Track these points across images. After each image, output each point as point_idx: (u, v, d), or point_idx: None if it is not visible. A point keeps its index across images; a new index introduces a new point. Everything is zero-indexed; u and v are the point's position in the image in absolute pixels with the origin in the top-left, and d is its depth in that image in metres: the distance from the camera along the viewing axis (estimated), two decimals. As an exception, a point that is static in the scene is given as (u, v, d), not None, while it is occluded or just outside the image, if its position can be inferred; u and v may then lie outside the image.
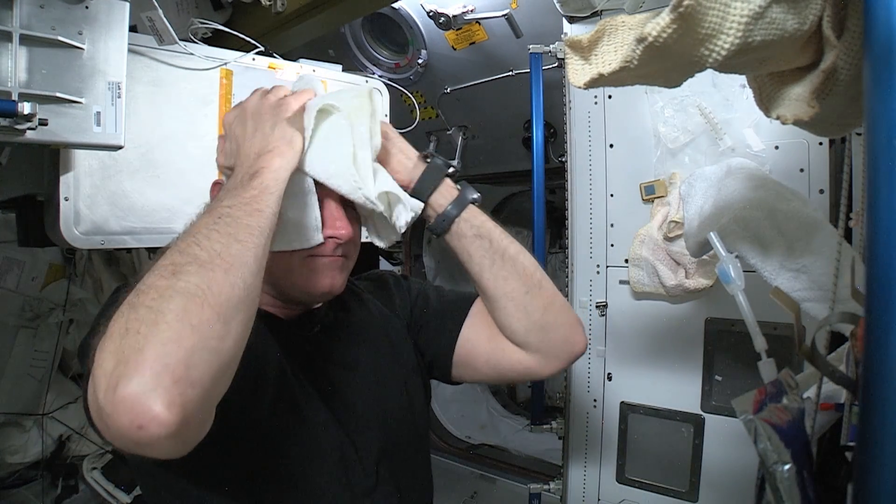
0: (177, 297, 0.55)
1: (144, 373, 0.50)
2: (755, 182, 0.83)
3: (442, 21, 1.82)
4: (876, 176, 0.41)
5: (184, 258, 0.59)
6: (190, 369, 0.52)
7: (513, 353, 0.93)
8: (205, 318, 0.55)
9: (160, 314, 0.53)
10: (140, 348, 0.51)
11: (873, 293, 0.41)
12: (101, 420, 0.52)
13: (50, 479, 2.49)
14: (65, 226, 1.13)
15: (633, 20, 0.63)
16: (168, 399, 0.50)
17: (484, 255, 0.90)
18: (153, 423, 0.50)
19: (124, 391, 0.50)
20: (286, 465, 0.80)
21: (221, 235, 0.62)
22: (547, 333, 0.91)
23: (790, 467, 0.54)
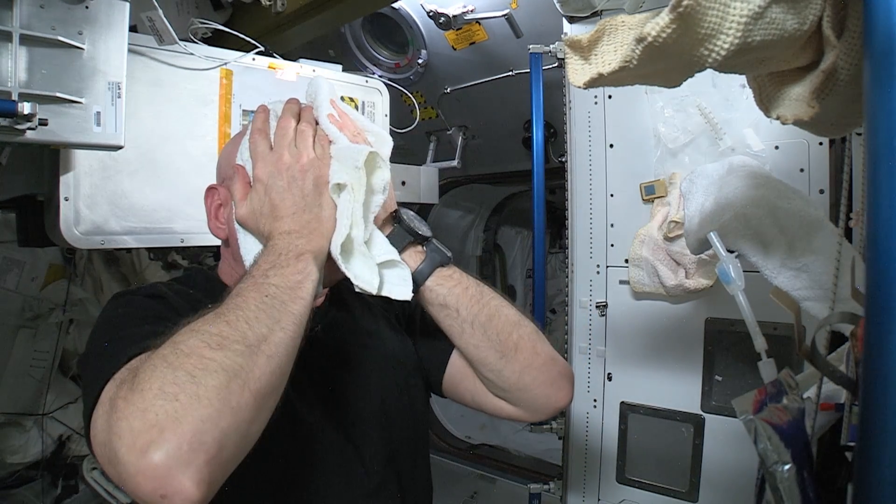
0: (221, 373, 0.55)
1: (180, 446, 0.50)
2: (757, 180, 0.83)
3: (442, 21, 1.82)
4: (876, 176, 0.41)
5: (232, 333, 0.59)
6: (222, 449, 0.53)
7: (497, 400, 0.91)
8: (243, 402, 0.55)
9: (202, 387, 0.53)
10: (178, 418, 0.51)
11: (873, 293, 0.41)
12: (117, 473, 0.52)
13: (50, 479, 2.49)
14: (65, 226, 1.13)
15: (633, 20, 0.63)
16: (199, 477, 0.51)
17: (452, 325, 0.86)
18: (178, 497, 0.50)
19: (154, 458, 0.49)
20: (287, 466, 0.80)
21: (268, 318, 0.62)
22: (524, 393, 0.88)
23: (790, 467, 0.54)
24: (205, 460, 0.51)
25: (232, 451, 0.55)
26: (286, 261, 0.69)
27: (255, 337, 0.60)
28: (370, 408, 0.90)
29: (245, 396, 0.55)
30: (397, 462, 0.91)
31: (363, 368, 0.92)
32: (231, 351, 0.57)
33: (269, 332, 0.61)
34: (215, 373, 0.54)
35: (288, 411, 0.82)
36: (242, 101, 1.38)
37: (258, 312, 0.62)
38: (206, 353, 0.56)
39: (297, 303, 0.66)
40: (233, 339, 0.58)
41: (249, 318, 0.61)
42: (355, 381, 0.91)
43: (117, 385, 0.58)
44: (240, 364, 0.56)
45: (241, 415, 0.55)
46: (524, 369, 0.86)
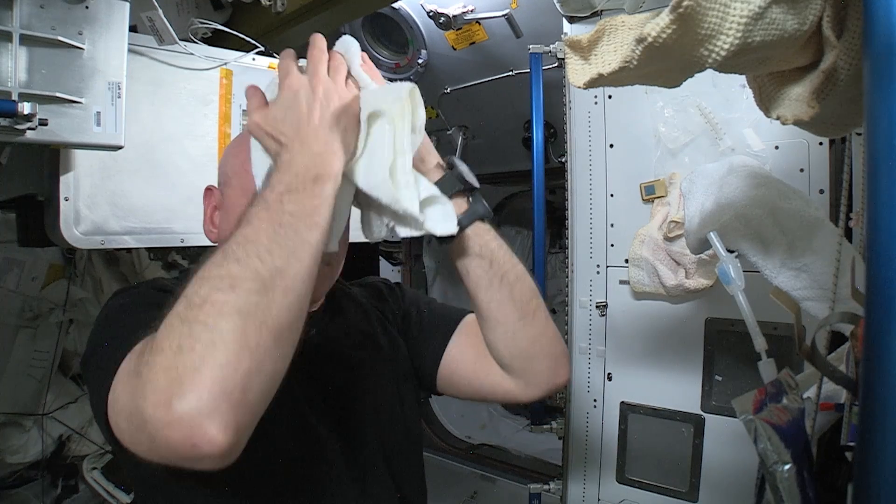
0: (235, 315, 0.53)
1: (202, 394, 0.50)
2: (757, 180, 0.83)
3: (442, 21, 1.82)
4: (876, 176, 0.41)
5: (244, 272, 0.56)
6: (246, 392, 0.52)
7: (495, 375, 0.92)
8: (262, 341, 0.54)
9: (217, 333, 0.52)
10: (196, 368, 0.51)
11: (873, 293, 0.41)
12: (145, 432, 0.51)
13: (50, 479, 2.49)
14: (65, 226, 1.13)
15: (633, 20, 0.63)
16: (224, 422, 0.50)
17: (482, 276, 0.86)
18: (207, 444, 0.50)
19: (180, 410, 0.49)
20: (287, 467, 0.80)
21: (282, 250, 0.59)
22: (532, 362, 0.89)
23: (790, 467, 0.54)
24: (229, 406, 0.51)
25: (257, 393, 0.54)
26: (303, 183, 0.65)
27: (269, 272, 0.57)
28: (367, 411, 0.90)
29: (263, 335, 0.54)
30: (394, 465, 0.91)
31: (357, 372, 0.92)
32: (244, 290, 0.55)
33: (285, 265, 0.58)
34: (229, 316, 0.53)
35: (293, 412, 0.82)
36: (242, 101, 1.38)
37: (271, 245, 0.59)
38: (219, 297, 0.54)
39: (313, 231, 0.63)
40: (245, 277, 0.56)
41: (261, 253, 0.58)
42: (352, 384, 0.91)
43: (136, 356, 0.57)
44: (254, 303, 0.54)
45: (262, 354, 0.53)
46: (537, 337, 0.88)
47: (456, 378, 0.97)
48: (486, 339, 0.91)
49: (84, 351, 0.76)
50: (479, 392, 0.95)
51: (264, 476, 0.78)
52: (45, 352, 2.43)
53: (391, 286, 1.09)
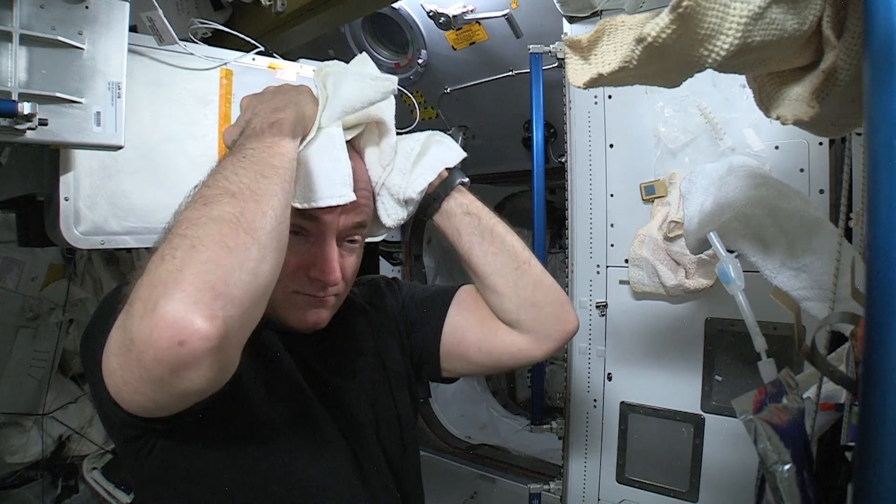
0: (211, 223, 0.56)
1: (186, 289, 0.51)
2: (756, 180, 0.83)
3: (442, 21, 1.82)
4: (876, 176, 0.41)
5: (214, 191, 0.60)
6: (229, 286, 0.53)
7: (505, 334, 0.93)
8: (241, 242, 0.56)
9: (196, 239, 0.54)
10: (178, 269, 0.52)
11: (873, 293, 0.41)
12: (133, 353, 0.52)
13: (50, 479, 2.49)
14: (65, 226, 1.13)
15: (633, 20, 0.63)
16: (209, 313, 0.51)
17: (473, 232, 0.92)
18: (194, 337, 0.50)
19: (164, 309, 0.50)
20: (291, 465, 0.80)
21: (248, 171, 0.63)
22: (538, 311, 0.92)
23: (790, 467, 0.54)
24: (212, 296, 0.52)
25: (242, 289, 0.55)
26: (260, 131, 0.71)
27: (238, 188, 0.61)
28: (367, 414, 0.90)
29: (241, 236, 0.56)
30: (394, 468, 0.91)
31: (358, 376, 0.93)
32: (216, 203, 0.58)
33: (253, 181, 0.62)
34: (205, 224, 0.56)
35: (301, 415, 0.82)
36: (242, 101, 1.38)
37: (235, 168, 0.63)
38: (194, 213, 0.57)
39: (276, 158, 0.67)
40: (216, 194, 0.60)
41: (228, 175, 0.62)
42: (353, 389, 0.91)
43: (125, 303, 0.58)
44: (228, 211, 0.58)
45: (242, 252, 0.56)
46: (537, 284, 0.92)
47: (463, 347, 0.97)
48: (488, 300, 0.94)
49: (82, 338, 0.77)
50: (491, 356, 0.95)
51: (268, 473, 0.78)
52: (45, 352, 2.43)
53: (389, 281, 1.10)
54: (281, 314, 0.82)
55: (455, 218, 0.93)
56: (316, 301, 0.83)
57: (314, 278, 0.81)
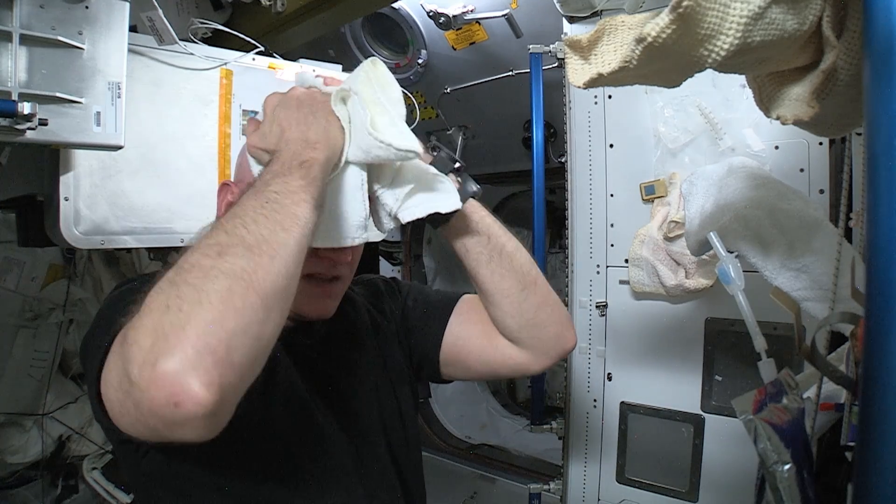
0: (222, 277, 0.54)
1: (186, 350, 0.50)
2: (756, 181, 0.83)
3: (442, 21, 1.82)
4: (876, 176, 0.41)
5: (230, 239, 0.58)
6: (231, 352, 0.52)
7: (505, 348, 0.94)
8: (248, 302, 0.54)
9: (204, 293, 0.53)
10: (182, 325, 0.51)
11: (873, 293, 0.41)
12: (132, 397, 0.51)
13: (50, 479, 2.49)
14: (65, 226, 1.13)
15: (633, 20, 0.63)
16: (208, 379, 0.50)
17: (481, 252, 0.89)
18: (190, 402, 0.50)
19: (164, 367, 0.49)
20: (293, 464, 0.80)
21: (268, 221, 0.61)
22: (540, 330, 0.91)
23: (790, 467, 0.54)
24: (212, 362, 0.51)
25: (242, 354, 0.54)
26: (289, 169, 0.68)
27: (255, 239, 0.59)
28: (369, 413, 0.91)
29: (250, 297, 0.55)
30: (396, 466, 0.92)
31: (360, 374, 0.93)
32: (231, 255, 0.56)
33: (271, 233, 0.60)
34: (216, 278, 0.54)
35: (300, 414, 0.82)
36: (242, 101, 1.38)
37: (256, 216, 0.61)
38: (206, 262, 0.55)
39: (299, 206, 0.64)
40: (231, 244, 0.58)
41: (247, 223, 0.60)
42: (354, 387, 0.91)
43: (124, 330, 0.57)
44: (241, 266, 0.56)
45: (248, 315, 0.54)
46: (541, 304, 0.91)
47: (463, 356, 0.98)
48: (491, 315, 0.93)
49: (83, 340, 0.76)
50: (490, 366, 0.96)
51: (270, 473, 0.78)
52: (45, 352, 2.43)
53: (388, 282, 1.10)
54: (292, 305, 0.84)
55: (464, 235, 0.89)
56: (324, 288, 0.85)
57: (324, 256, 0.82)
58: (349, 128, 0.77)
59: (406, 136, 0.75)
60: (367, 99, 0.77)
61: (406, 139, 0.74)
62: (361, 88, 0.78)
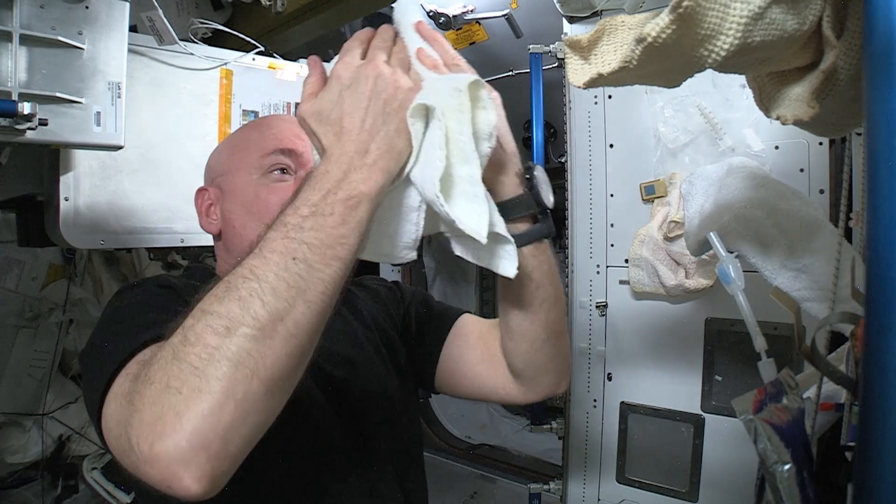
0: (225, 363, 0.50)
1: (180, 442, 0.49)
2: (756, 181, 0.83)
3: (442, 21, 1.82)
4: (876, 176, 0.41)
5: (242, 312, 0.52)
6: (227, 444, 0.51)
7: (501, 377, 0.92)
8: (251, 392, 0.51)
9: (204, 380, 0.50)
10: (179, 413, 0.49)
11: (873, 293, 0.41)
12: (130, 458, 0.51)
13: (50, 479, 2.49)
14: (65, 226, 1.13)
15: (633, 20, 0.63)
16: (200, 473, 0.49)
17: (523, 296, 0.81)
18: (181, 490, 0.49)
19: (159, 450, 0.49)
20: (294, 463, 0.80)
21: (290, 290, 0.54)
22: (544, 375, 0.90)
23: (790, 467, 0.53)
24: (206, 457, 0.49)
25: (239, 444, 0.52)
26: (331, 206, 0.57)
27: (270, 316, 0.52)
28: (371, 409, 0.91)
29: (254, 386, 0.51)
30: (398, 463, 0.91)
31: (361, 370, 0.93)
32: (238, 336, 0.51)
33: (290, 307, 0.53)
34: (219, 362, 0.50)
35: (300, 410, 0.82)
36: (242, 101, 1.38)
37: (278, 282, 0.53)
38: (212, 340, 0.51)
39: (331, 265, 0.56)
40: (242, 321, 0.52)
41: (265, 292, 0.53)
42: (355, 383, 0.91)
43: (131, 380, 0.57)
44: (248, 350, 0.51)
45: (249, 405, 0.51)
46: (555, 356, 0.88)
47: (456, 377, 0.97)
48: (503, 346, 0.90)
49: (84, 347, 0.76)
50: (480, 391, 0.95)
51: (267, 470, 0.78)
52: (45, 352, 2.43)
53: (389, 286, 1.10)
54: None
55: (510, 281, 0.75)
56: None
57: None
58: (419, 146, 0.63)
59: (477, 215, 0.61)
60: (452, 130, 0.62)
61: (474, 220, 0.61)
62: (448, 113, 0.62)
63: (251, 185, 0.88)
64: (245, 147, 0.91)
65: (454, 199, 0.62)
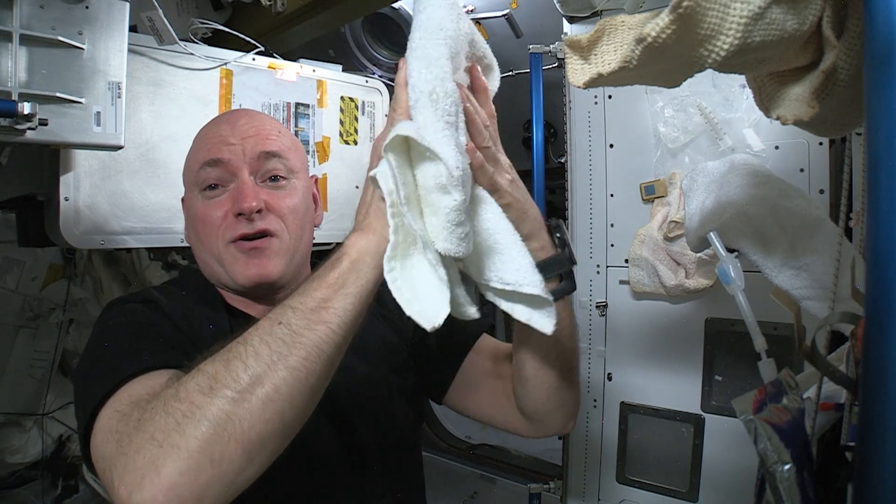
0: (204, 423, 0.52)
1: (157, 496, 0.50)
2: (758, 178, 0.83)
3: (442, 21, 1.82)
4: (876, 176, 0.41)
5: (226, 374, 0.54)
6: (202, 500, 0.51)
7: (509, 413, 0.92)
8: (227, 453, 0.52)
9: (184, 438, 0.51)
10: (157, 467, 0.51)
11: (873, 293, 0.41)
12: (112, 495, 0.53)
13: (50, 479, 2.49)
14: (65, 226, 1.13)
15: (633, 20, 0.63)
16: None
17: (539, 349, 0.82)
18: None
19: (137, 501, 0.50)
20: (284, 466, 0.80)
21: (272, 353, 0.54)
22: (552, 418, 0.90)
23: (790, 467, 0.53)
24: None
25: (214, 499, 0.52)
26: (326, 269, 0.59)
27: (250, 379, 0.53)
28: (360, 412, 0.90)
29: (231, 448, 0.52)
30: (390, 465, 0.91)
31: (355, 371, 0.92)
32: (219, 397, 0.52)
33: (268, 370, 0.53)
34: (199, 422, 0.51)
35: None
36: (242, 101, 1.38)
37: (261, 346, 0.55)
38: (196, 399, 0.53)
39: (315, 330, 0.55)
40: (224, 382, 0.53)
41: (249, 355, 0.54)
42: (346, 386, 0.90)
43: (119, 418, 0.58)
44: (227, 412, 0.52)
45: (225, 467, 0.52)
46: (567, 401, 0.88)
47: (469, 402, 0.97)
48: (515, 391, 0.89)
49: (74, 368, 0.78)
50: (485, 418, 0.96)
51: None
52: (45, 352, 2.43)
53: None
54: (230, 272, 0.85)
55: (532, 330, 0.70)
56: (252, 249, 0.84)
57: (236, 213, 0.82)
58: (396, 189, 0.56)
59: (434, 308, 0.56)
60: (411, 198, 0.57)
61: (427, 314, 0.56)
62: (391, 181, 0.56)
63: (194, 201, 0.89)
64: (189, 160, 0.92)
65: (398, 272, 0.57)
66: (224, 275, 0.86)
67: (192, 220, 0.89)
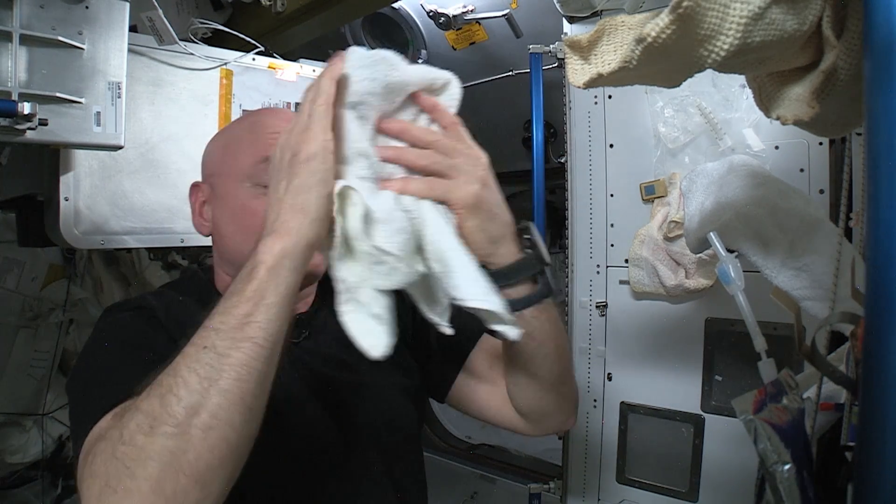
0: (150, 463, 0.51)
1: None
2: (757, 179, 0.83)
3: (442, 21, 1.82)
4: (876, 176, 0.41)
5: (162, 410, 0.52)
6: None
7: (507, 412, 0.92)
8: (179, 488, 0.51)
9: (135, 480, 0.51)
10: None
11: (873, 293, 0.41)
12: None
13: (50, 479, 2.49)
14: (65, 226, 1.13)
15: (633, 20, 0.63)
16: None
17: (522, 351, 0.81)
18: None
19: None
20: (282, 466, 0.80)
21: (201, 381, 0.53)
22: (549, 417, 0.90)
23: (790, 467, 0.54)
24: None
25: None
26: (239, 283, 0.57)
27: (185, 411, 0.52)
28: (361, 412, 0.90)
29: (182, 482, 0.51)
30: (393, 464, 0.91)
31: (358, 370, 0.92)
32: (160, 435, 0.51)
33: (202, 399, 0.52)
34: (146, 462, 0.51)
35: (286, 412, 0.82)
36: (242, 101, 1.38)
37: (189, 375, 0.53)
38: (139, 440, 0.52)
39: (241, 348, 0.54)
40: (161, 419, 0.52)
41: (179, 386, 0.53)
42: (345, 386, 0.90)
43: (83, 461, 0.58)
44: (170, 449, 0.51)
45: (180, 500, 0.51)
46: (561, 401, 0.88)
47: (468, 401, 0.98)
48: (509, 392, 0.90)
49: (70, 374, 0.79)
50: (487, 416, 0.96)
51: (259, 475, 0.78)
52: (45, 352, 2.43)
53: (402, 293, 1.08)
54: None
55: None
56: None
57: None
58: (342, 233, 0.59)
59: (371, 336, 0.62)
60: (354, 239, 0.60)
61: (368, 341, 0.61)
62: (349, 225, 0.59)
63: (240, 193, 0.84)
64: (237, 149, 0.87)
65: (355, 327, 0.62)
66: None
67: (235, 210, 0.85)
